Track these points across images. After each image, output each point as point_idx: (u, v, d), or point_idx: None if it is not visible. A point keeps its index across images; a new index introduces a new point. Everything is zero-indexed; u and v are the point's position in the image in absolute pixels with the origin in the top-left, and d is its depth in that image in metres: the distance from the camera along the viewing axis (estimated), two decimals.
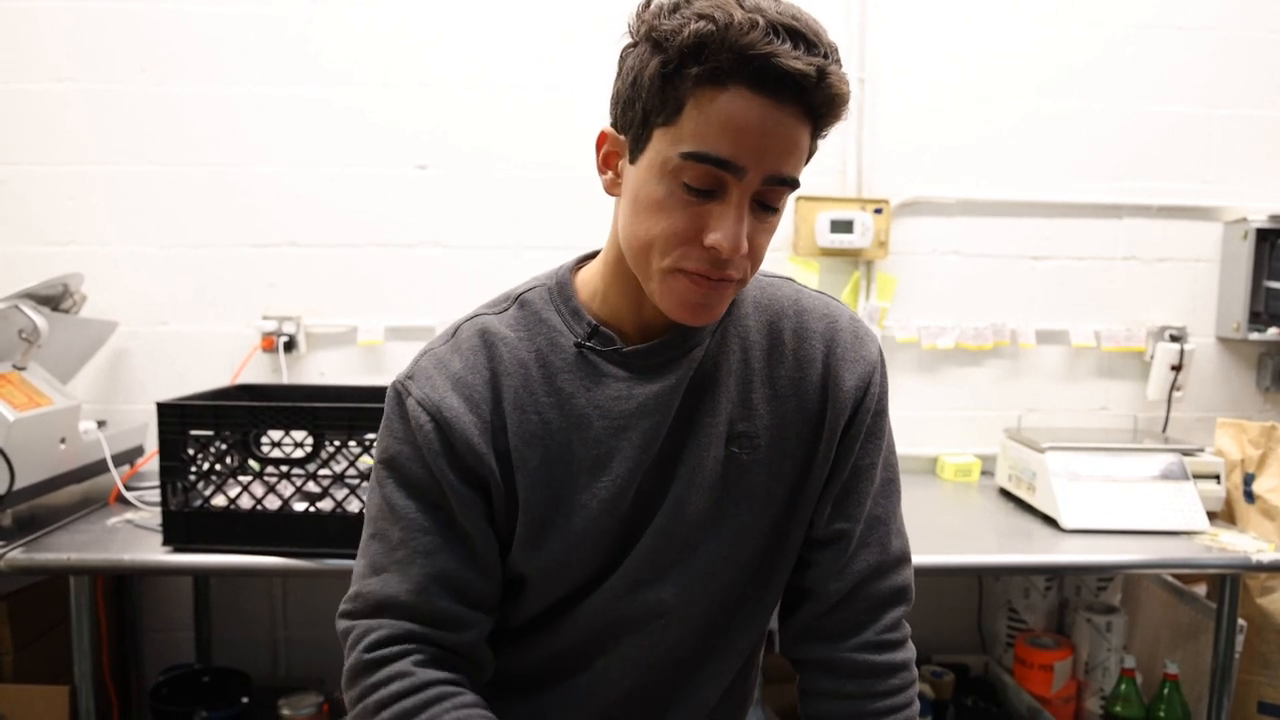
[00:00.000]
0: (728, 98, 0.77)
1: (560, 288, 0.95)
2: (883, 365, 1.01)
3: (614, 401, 0.91)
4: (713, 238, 0.80)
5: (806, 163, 0.85)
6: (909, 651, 1.01)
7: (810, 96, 0.78)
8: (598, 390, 0.91)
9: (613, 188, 0.89)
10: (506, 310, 0.96)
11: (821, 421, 0.96)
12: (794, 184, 0.82)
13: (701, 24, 0.76)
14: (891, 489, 1.02)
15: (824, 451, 0.96)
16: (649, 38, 0.80)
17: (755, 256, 0.85)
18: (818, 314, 0.98)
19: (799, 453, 0.96)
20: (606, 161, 0.89)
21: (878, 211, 2.30)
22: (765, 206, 0.83)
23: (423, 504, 0.92)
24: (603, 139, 0.89)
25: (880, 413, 1.00)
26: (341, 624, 0.96)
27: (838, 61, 0.81)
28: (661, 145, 0.81)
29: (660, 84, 0.79)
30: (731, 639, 1.01)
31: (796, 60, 0.76)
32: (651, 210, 0.82)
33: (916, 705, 1.01)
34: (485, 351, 0.93)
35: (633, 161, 0.85)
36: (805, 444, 0.96)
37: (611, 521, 0.92)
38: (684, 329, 0.91)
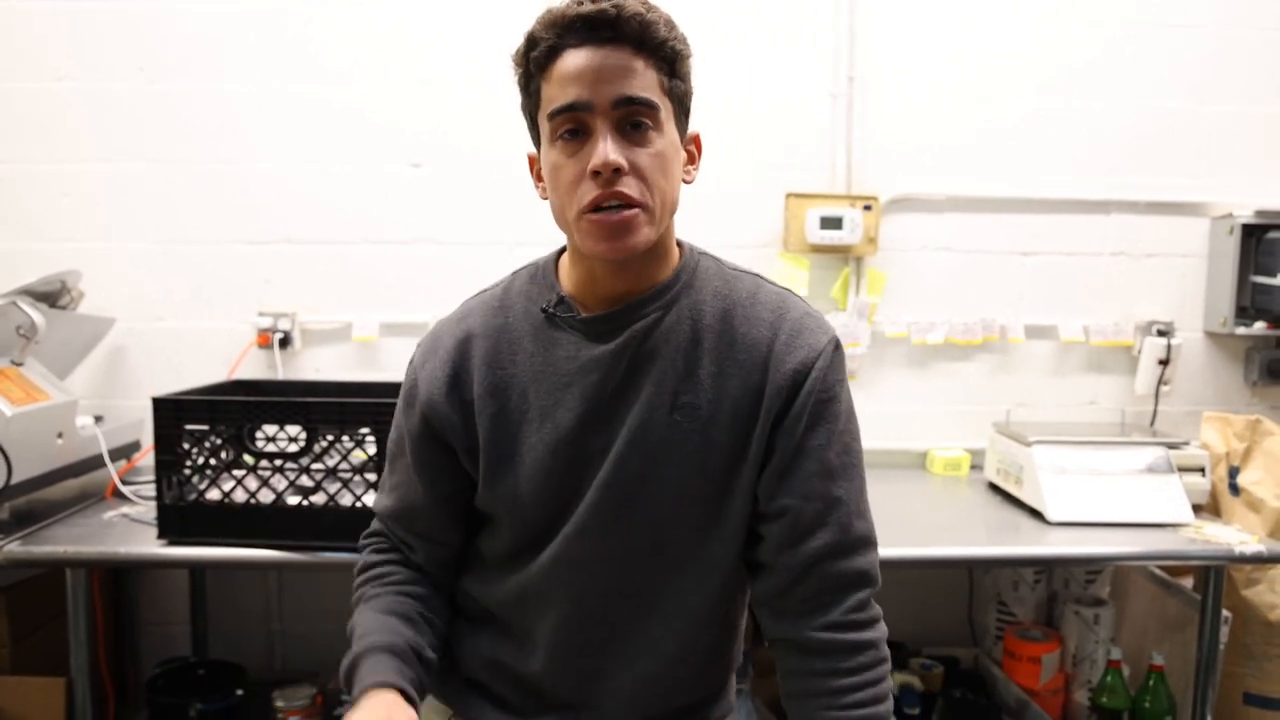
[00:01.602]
0: (561, 61, 0.98)
1: (543, 267, 1.14)
2: (834, 356, 1.07)
3: (564, 360, 1.07)
4: (590, 164, 0.97)
5: (675, 94, 1.02)
6: (878, 632, 1.06)
7: (622, 29, 0.96)
8: (554, 350, 1.07)
9: (544, 194, 1.07)
10: (497, 287, 1.16)
11: (760, 400, 1.05)
12: (645, 103, 0.98)
13: (531, 27, 1.00)
14: (853, 474, 1.08)
15: (761, 428, 1.05)
16: (516, 71, 1.03)
17: (648, 179, 0.99)
18: (771, 305, 1.09)
19: (737, 427, 1.05)
20: (538, 177, 1.08)
21: (867, 208, 2.32)
22: (634, 125, 0.98)
23: (399, 447, 1.16)
24: (531, 162, 1.10)
25: (828, 400, 1.06)
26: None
27: (649, 9, 0.98)
28: (542, 126, 1.02)
29: (525, 86, 1.03)
30: (683, 596, 1.11)
31: (593, 4, 0.96)
32: (553, 174, 1.01)
33: (887, 683, 1.04)
34: (464, 321, 1.13)
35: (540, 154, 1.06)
36: (744, 419, 1.05)
37: (555, 463, 1.06)
38: (633, 302, 1.06)
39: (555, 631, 1.11)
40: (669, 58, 1.00)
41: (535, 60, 0.99)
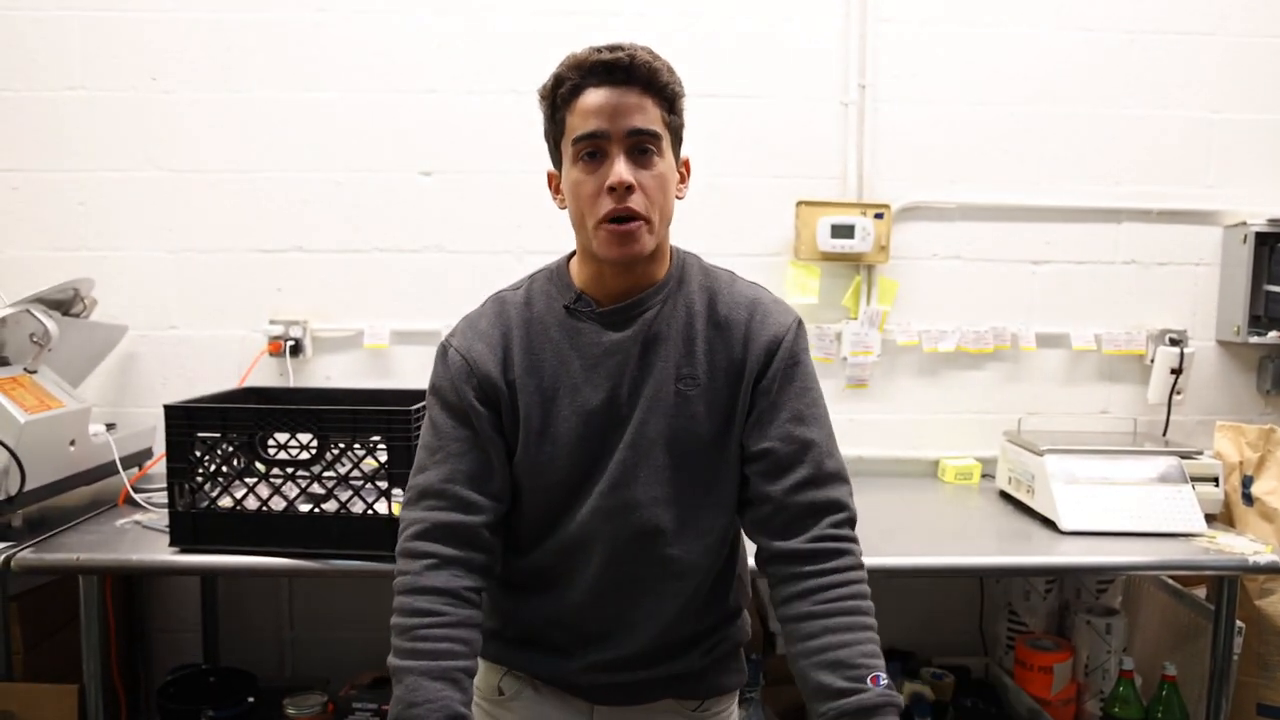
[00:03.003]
0: (584, 98, 1.19)
1: (558, 269, 1.34)
2: (798, 331, 1.31)
3: (589, 346, 1.27)
4: (607, 181, 1.18)
5: (672, 127, 1.23)
6: (856, 547, 1.25)
7: (634, 74, 1.17)
8: (579, 338, 1.28)
9: (561, 204, 1.28)
10: (520, 287, 1.35)
11: (743, 368, 1.28)
12: (651, 133, 1.19)
13: (557, 69, 1.21)
14: (822, 424, 1.29)
15: (745, 390, 1.28)
16: (543, 104, 1.24)
17: (651, 197, 1.20)
18: (745, 293, 1.33)
19: (728, 390, 1.28)
20: (556, 190, 1.30)
21: (878, 216, 2.32)
22: (641, 151, 1.19)
23: (455, 420, 1.28)
24: (550, 178, 1.31)
25: (795, 364, 1.29)
26: (400, 512, 1.30)
27: (654, 58, 1.19)
28: (565, 149, 1.23)
29: (551, 116, 1.24)
30: (696, 531, 1.31)
31: (610, 54, 1.17)
32: (574, 189, 1.22)
33: (866, 587, 1.21)
34: (501, 314, 1.31)
35: (560, 173, 1.26)
36: (732, 384, 1.28)
37: (588, 431, 1.26)
38: (640, 297, 1.27)
39: (597, 574, 1.29)
40: (669, 97, 1.22)
41: (561, 96, 1.20)
